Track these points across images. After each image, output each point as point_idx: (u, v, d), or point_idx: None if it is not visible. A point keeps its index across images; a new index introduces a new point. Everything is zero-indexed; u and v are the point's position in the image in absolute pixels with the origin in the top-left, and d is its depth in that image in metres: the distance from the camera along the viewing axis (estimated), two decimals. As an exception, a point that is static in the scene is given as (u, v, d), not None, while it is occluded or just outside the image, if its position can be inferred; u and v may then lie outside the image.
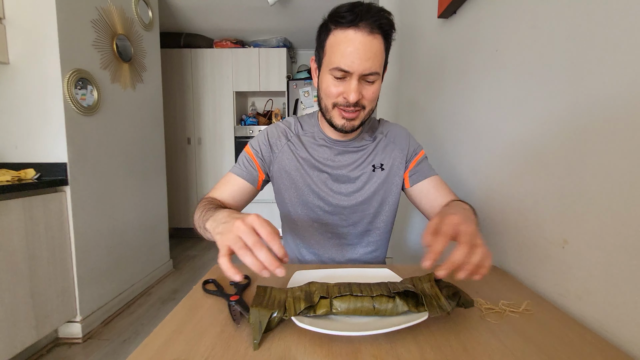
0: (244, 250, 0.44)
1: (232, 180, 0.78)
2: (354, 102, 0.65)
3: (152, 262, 2.28)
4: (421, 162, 0.82)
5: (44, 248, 1.43)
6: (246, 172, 0.78)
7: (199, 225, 0.62)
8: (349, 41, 0.61)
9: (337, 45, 0.63)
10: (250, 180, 0.78)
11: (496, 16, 0.80)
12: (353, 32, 0.61)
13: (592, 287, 0.51)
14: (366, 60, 0.62)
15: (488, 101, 0.83)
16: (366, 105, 0.68)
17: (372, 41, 0.61)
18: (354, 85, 0.64)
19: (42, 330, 1.42)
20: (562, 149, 0.57)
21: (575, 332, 0.48)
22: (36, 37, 1.46)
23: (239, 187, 0.77)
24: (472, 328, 0.48)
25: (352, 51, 0.61)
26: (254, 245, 0.44)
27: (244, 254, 0.44)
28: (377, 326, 0.45)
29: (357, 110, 0.68)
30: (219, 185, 0.78)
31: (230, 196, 0.76)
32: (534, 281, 0.64)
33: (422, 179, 0.80)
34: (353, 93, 0.64)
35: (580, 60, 0.53)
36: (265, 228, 0.45)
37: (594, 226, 0.50)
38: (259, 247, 0.44)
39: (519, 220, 0.69)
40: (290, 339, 0.45)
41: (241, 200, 0.79)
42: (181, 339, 0.45)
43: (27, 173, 1.48)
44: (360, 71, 0.63)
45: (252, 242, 0.44)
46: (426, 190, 0.79)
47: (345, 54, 0.62)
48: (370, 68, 0.63)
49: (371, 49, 0.62)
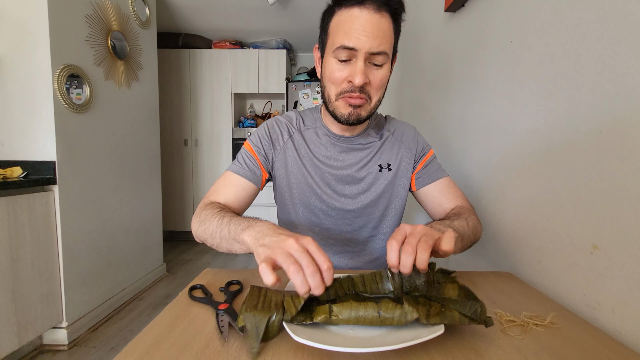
0: (295, 267, 0.40)
1: (234, 181, 0.69)
2: (360, 84, 0.58)
3: (144, 265, 2.20)
4: (429, 164, 0.76)
5: (29, 250, 1.36)
6: (249, 172, 0.70)
7: (224, 235, 0.55)
8: (354, 19, 0.56)
9: (341, 24, 0.58)
10: (254, 180, 0.70)
11: (511, 4, 0.75)
12: (358, 10, 0.56)
13: (628, 298, 0.45)
14: (374, 37, 0.56)
15: (501, 97, 0.78)
16: (372, 94, 0.62)
17: (380, 19, 0.56)
18: (360, 65, 0.58)
19: (25, 337, 1.35)
20: (592, 146, 0.51)
21: (611, 349, 0.42)
22: (26, 30, 1.41)
23: (243, 189, 0.69)
24: (493, 344, 0.42)
25: (358, 28, 0.56)
26: (308, 267, 0.40)
27: (296, 271, 0.40)
28: (384, 341, 0.39)
29: (364, 98, 0.61)
30: (220, 187, 0.69)
31: (234, 199, 0.68)
32: (556, 291, 0.58)
33: (428, 182, 0.74)
34: (359, 75, 0.58)
35: (617, 46, 0.48)
36: (322, 256, 0.42)
37: (628, 229, 0.45)
38: (313, 270, 0.40)
39: (538, 223, 0.63)
40: (285, 355, 0.39)
41: (245, 203, 0.70)
42: (157, 356, 0.38)
43: (14, 171, 1.42)
44: (367, 48, 0.56)
45: (307, 263, 0.40)
46: (431, 194, 0.74)
47: (350, 32, 0.56)
48: (379, 46, 0.57)
49: (379, 26, 0.56)
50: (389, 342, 0.38)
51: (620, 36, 0.47)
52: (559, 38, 0.59)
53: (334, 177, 0.73)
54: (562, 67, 0.58)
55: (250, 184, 0.70)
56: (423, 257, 0.43)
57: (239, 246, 0.53)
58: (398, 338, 0.40)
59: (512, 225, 0.72)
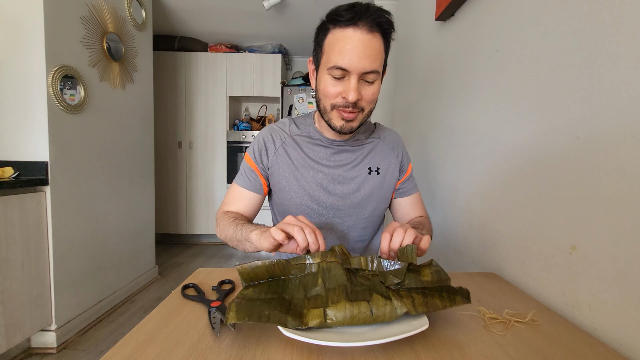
0: (298, 228, 0.52)
1: (241, 194, 0.78)
2: (354, 101, 0.62)
3: (136, 268, 2.18)
4: (409, 179, 0.84)
5: (19, 251, 1.34)
6: (251, 183, 0.78)
7: (238, 238, 0.65)
8: (347, 39, 0.59)
9: (335, 43, 0.61)
10: (257, 190, 0.78)
11: (497, 15, 0.78)
12: (352, 30, 0.59)
13: (604, 297, 0.47)
14: (365, 58, 0.60)
15: (488, 104, 0.81)
16: (365, 107, 0.66)
17: (372, 39, 0.60)
18: (353, 84, 0.61)
19: (13, 340, 1.32)
20: (571, 151, 0.54)
21: (588, 344, 0.44)
22: (21, 30, 1.41)
23: (249, 200, 0.78)
24: (476, 339, 0.44)
25: (351, 49, 0.59)
26: (307, 227, 0.53)
27: (299, 230, 0.52)
28: (372, 336, 0.41)
29: (356, 112, 0.65)
30: (231, 200, 0.78)
31: (244, 209, 0.77)
32: (539, 290, 0.60)
33: (405, 195, 0.83)
34: (352, 92, 0.61)
35: (593, 56, 0.50)
36: (314, 226, 0.55)
37: (605, 231, 0.47)
38: (310, 230, 0.53)
39: (521, 226, 0.66)
40: (275, 350, 0.40)
41: (254, 210, 0.80)
42: (150, 350, 0.39)
43: (5, 171, 1.41)
44: (359, 69, 0.60)
45: (305, 225, 0.54)
46: (404, 205, 0.83)
47: (343, 52, 0.60)
48: (370, 66, 0.61)
49: (370, 46, 0.60)
50: (376, 337, 0.40)
51: (596, 47, 0.50)
52: (540, 48, 0.62)
53: (327, 176, 0.77)
54: (543, 76, 0.61)
55: (255, 195, 0.78)
56: (409, 239, 0.54)
57: (250, 245, 0.63)
58: (385, 333, 0.41)
59: (497, 227, 0.75)
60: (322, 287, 0.48)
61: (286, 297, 0.47)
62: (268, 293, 0.47)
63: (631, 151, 0.43)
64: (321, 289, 0.47)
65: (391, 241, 0.54)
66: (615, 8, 0.47)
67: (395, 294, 0.46)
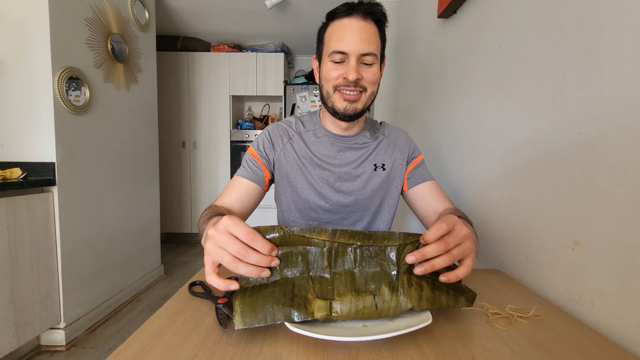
0: (234, 262, 0.41)
1: (239, 183, 0.76)
2: (354, 80, 0.66)
3: (142, 267, 2.21)
4: (419, 166, 0.82)
5: (28, 250, 1.36)
6: (252, 173, 0.77)
7: (203, 241, 0.57)
8: (344, 27, 0.67)
9: (333, 32, 0.68)
10: (257, 181, 0.76)
11: (500, 11, 0.78)
12: (347, 19, 0.67)
13: (606, 292, 0.47)
14: (362, 41, 0.65)
15: (490, 101, 0.81)
16: (367, 86, 0.69)
17: (366, 25, 0.66)
18: (352, 64, 0.66)
19: (23, 337, 1.35)
20: (573, 146, 0.54)
21: (590, 339, 0.44)
22: (27, 32, 1.43)
23: (246, 190, 0.75)
24: (479, 334, 0.45)
25: (348, 34, 0.66)
26: (239, 252, 0.40)
27: (235, 265, 0.41)
28: (377, 330, 0.41)
29: (359, 92, 0.69)
30: (226, 190, 0.76)
31: (238, 200, 0.74)
32: (541, 285, 0.60)
33: (419, 182, 0.80)
34: (352, 71, 0.66)
35: (595, 52, 0.51)
36: (242, 229, 0.41)
37: (607, 226, 0.47)
38: (244, 252, 0.41)
39: (524, 222, 0.66)
40: (282, 344, 0.41)
41: (249, 203, 0.76)
42: (160, 345, 0.40)
43: (13, 172, 1.43)
44: (357, 51, 0.66)
45: (237, 250, 0.40)
46: (421, 193, 0.79)
47: (341, 38, 0.66)
48: (367, 48, 0.66)
49: (366, 31, 0.66)
50: (380, 332, 0.40)
51: (598, 43, 0.50)
52: (542, 44, 0.62)
53: (333, 174, 0.78)
54: (545, 72, 0.61)
55: (253, 185, 0.76)
56: (445, 264, 0.44)
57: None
58: (389, 327, 0.42)
59: (501, 223, 0.75)
60: (328, 269, 0.46)
61: (289, 276, 0.45)
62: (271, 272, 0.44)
63: (633, 147, 0.43)
64: (327, 271, 0.46)
65: (432, 260, 0.44)
66: (616, 4, 0.47)
67: (404, 281, 0.45)
